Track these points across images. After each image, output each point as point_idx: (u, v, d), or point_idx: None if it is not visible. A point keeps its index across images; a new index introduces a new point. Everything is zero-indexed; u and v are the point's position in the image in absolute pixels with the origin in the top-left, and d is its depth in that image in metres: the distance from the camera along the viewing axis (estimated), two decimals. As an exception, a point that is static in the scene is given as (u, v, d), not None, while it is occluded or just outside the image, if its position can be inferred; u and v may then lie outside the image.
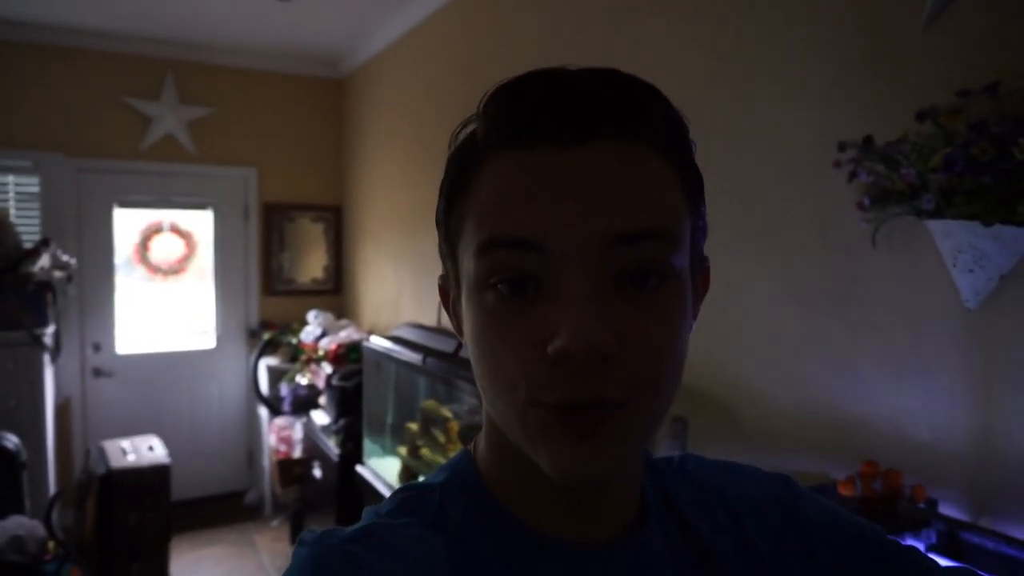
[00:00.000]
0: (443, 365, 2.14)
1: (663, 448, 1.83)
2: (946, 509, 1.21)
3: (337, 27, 3.65)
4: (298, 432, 3.70)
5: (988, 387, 1.19)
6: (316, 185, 4.48)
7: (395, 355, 2.50)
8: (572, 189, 0.39)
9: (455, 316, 0.49)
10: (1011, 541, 1.09)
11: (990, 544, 1.10)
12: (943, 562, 1.06)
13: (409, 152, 3.44)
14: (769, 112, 1.59)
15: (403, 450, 2.40)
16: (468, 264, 0.42)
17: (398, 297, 3.64)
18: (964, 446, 1.22)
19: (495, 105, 0.42)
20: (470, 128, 0.45)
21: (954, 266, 1.18)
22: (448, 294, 0.50)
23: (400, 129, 3.58)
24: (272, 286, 4.41)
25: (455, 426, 2.09)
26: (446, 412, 2.15)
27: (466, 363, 2.10)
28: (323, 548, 0.42)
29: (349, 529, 0.44)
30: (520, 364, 0.40)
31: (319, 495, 3.26)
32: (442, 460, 2.13)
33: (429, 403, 2.24)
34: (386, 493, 2.35)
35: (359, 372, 3.04)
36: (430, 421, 2.21)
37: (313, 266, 4.54)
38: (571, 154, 0.39)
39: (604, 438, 0.39)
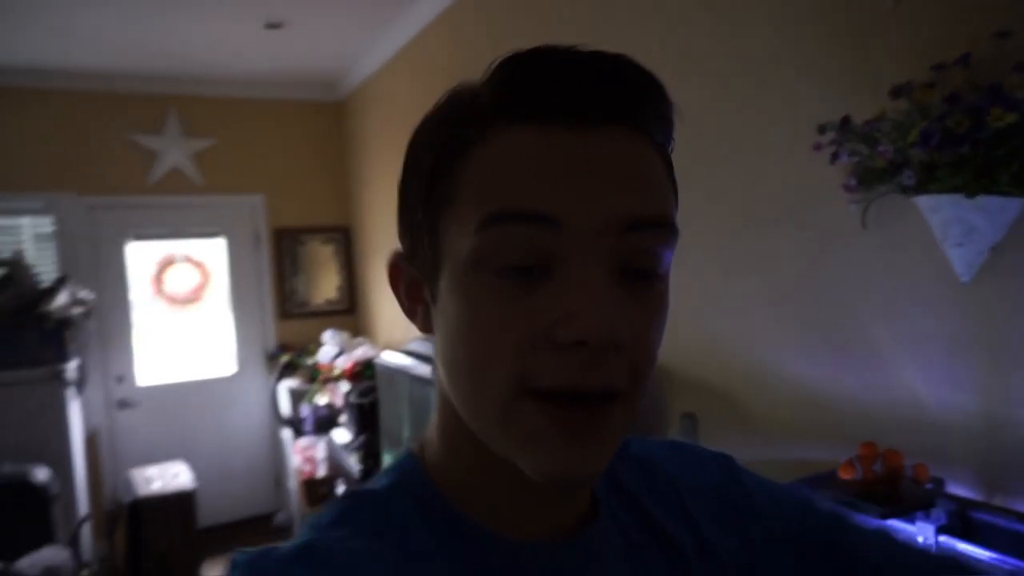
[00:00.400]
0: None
1: (673, 444, 1.81)
2: (957, 488, 1.19)
3: (330, 50, 3.70)
4: (321, 451, 3.73)
5: (990, 360, 1.17)
6: (323, 207, 4.53)
7: (407, 369, 2.52)
8: (592, 169, 0.38)
9: (416, 299, 0.46)
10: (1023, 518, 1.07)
11: (1002, 522, 1.08)
12: (962, 546, 1.04)
13: (410, 167, 3.46)
14: (746, 99, 1.58)
15: (419, 463, 2.41)
16: (460, 241, 0.39)
17: (409, 311, 3.66)
18: (971, 422, 1.20)
19: (508, 76, 0.40)
20: (463, 94, 0.42)
21: (944, 241, 1.16)
22: (402, 273, 0.46)
23: (400, 145, 3.60)
24: (287, 309, 4.46)
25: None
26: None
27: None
28: (258, 571, 0.38)
29: (286, 546, 0.41)
30: (520, 349, 0.38)
31: (344, 513, 3.28)
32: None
33: (440, 414, 2.25)
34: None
35: (375, 388, 3.06)
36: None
37: (326, 287, 4.58)
38: (587, 136, 0.39)
39: (595, 438, 0.39)
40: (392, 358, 2.68)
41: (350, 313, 4.59)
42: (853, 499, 0.98)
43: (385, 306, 4.10)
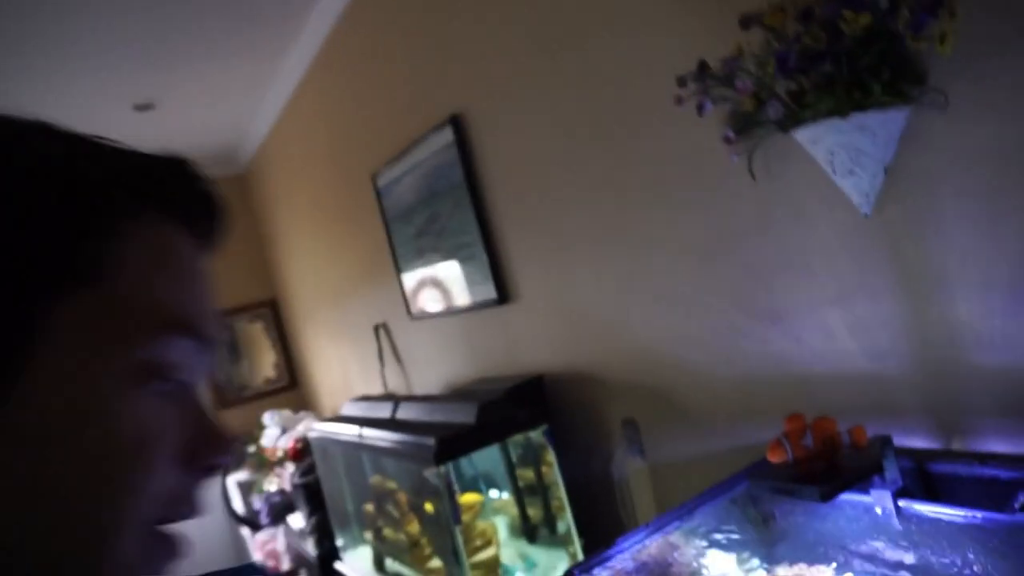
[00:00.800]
0: (379, 434, 1.96)
1: (620, 454, 1.66)
2: (912, 441, 1.06)
3: (214, 124, 3.55)
4: (281, 542, 3.45)
5: (912, 290, 1.05)
6: (244, 284, 4.31)
7: (335, 437, 2.31)
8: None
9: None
10: (985, 459, 0.93)
11: (963, 469, 0.94)
12: (921, 507, 0.90)
13: (322, 220, 3.30)
14: (596, 61, 1.46)
15: (368, 535, 2.19)
16: (103, 336, 0.33)
17: (345, 374, 3.45)
18: (909, 363, 1.07)
19: (160, 171, 0.39)
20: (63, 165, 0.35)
21: (835, 173, 1.05)
22: None
23: (308, 200, 3.45)
24: (226, 398, 4.20)
25: (404, 497, 1.90)
26: (391, 484, 1.96)
27: (402, 425, 1.92)
28: None
29: None
30: (170, 475, 0.35)
31: (312, 605, 3.01)
32: (402, 538, 1.93)
33: (375, 479, 2.05)
34: (362, 587, 2.14)
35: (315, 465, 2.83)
36: (381, 498, 2.02)
37: (263, 366, 4.34)
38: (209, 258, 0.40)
39: None
40: (323, 427, 2.47)
41: (292, 388, 4.35)
42: (789, 485, 0.82)
43: (323, 374, 3.88)
